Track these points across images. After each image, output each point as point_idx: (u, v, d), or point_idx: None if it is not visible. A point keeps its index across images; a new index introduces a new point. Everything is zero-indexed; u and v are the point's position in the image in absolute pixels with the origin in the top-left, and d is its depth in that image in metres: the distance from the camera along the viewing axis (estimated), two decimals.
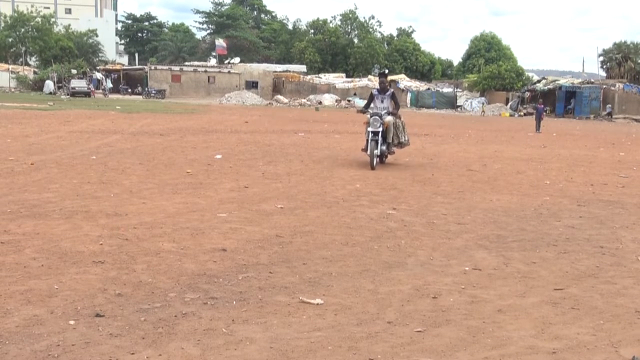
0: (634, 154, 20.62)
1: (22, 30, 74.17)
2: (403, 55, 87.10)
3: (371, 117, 13.65)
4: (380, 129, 13.50)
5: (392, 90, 14.58)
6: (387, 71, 15.03)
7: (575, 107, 59.14)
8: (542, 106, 35.05)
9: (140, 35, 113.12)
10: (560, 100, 59.95)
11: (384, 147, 13.79)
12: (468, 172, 13.67)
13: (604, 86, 60.49)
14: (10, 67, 68.07)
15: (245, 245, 6.56)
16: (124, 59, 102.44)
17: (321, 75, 76.27)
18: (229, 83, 70.33)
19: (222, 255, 6.14)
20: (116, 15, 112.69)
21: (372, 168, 13.25)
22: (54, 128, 21.66)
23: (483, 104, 63.27)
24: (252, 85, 70.43)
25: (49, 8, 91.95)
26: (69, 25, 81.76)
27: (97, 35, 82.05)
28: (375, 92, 14.45)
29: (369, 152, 13.49)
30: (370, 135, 13.52)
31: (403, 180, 12.00)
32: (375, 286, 5.42)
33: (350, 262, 6.15)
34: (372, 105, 14.29)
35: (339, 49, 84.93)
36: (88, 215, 7.79)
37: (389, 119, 13.79)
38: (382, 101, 14.13)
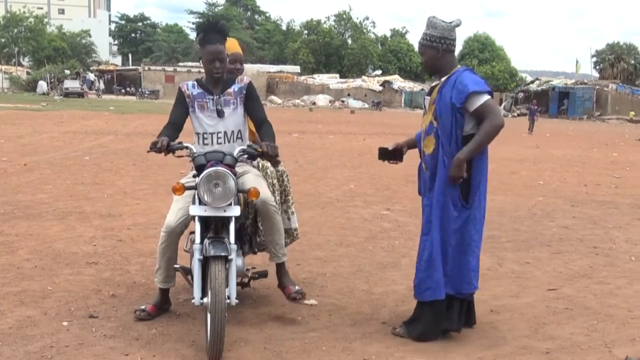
0: (627, 155, 20.69)
1: (15, 30, 73.98)
2: (397, 55, 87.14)
3: (197, 167, 4.16)
4: (233, 213, 4.01)
5: (246, 79, 4.56)
6: (220, 24, 4.41)
7: (569, 107, 59.33)
8: (536, 107, 34.71)
9: (134, 36, 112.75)
10: (553, 101, 60.15)
11: (239, 262, 4.19)
12: None
13: (597, 87, 60.67)
14: (3, 67, 67.86)
15: None
16: (118, 60, 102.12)
17: (315, 75, 76.25)
18: None
19: None
20: (109, 15, 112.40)
21: None
22: (47, 129, 21.59)
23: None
24: None
25: (42, 8, 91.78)
26: (62, 25, 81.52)
27: (90, 36, 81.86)
28: (192, 88, 4.50)
29: (194, 296, 3.90)
30: (197, 229, 4.02)
31: (397, 180, 12.00)
32: (369, 287, 5.42)
33: (344, 263, 6.15)
34: (199, 126, 4.49)
35: (332, 49, 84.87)
36: (82, 216, 7.77)
37: (252, 183, 4.31)
38: (219, 112, 4.43)
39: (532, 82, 67.89)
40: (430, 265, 4.19)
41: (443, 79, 4.27)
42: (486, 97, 4.11)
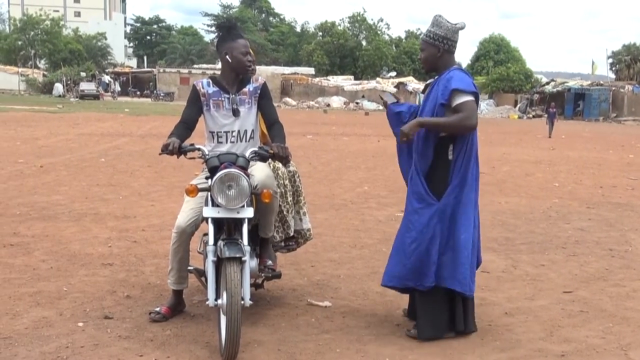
0: None
1: (32, 33, 74.69)
2: (411, 57, 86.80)
3: (210, 169, 4.15)
4: (247, 215, 4.02)
5: (261, 79, 4.61)
6: (238, 25, 4.99)
7: (584, 109, 58.86)
8: (554, 110, 31.93)
9: (149, 38, 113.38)
10: (569, 102, 59.70)
11: (253, 263, 4.19)
12: None
13: (613, 88, 60.15)
14: (20, 70, 68.50)
15: None
16: (133, 62, 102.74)
17: (329, 77, 76.21)
18: None
19: None
20: (125, 18, 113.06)
21: None
22: (63, 131, 21.75)
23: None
24: None
25: (58, 11, 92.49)
26: (78, 28, 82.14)
27: (106, 38, 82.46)
28: (207, 87, 4.50)
29: (208, 297, 3.93)
30: (210, 231, 4.03)
31: None
32: (383, 289, 5.39)
33: (358, 265, 6.15)
34: (213, 124, 4.45)
35: (347, 51, 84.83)
36: (97, 217, 7.82)
37: (261, 173, 4.33)
38: (235, 111, 4.41)
39: (548, 83, 67.36)
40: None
41: (436, 77, 4.36)
42: (468, 97, 4.14)
